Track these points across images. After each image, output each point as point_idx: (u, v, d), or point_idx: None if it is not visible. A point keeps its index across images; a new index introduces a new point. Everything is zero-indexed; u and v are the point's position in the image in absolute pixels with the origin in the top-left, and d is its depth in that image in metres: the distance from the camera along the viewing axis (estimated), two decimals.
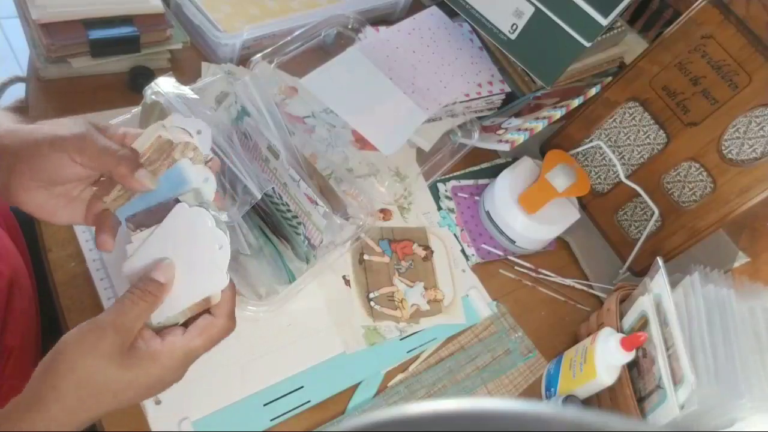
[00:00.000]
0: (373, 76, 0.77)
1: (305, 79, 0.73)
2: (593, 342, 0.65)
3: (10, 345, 0.57)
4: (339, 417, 0.62)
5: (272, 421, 0.59)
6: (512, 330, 0.73)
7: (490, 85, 0.86)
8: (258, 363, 0.61)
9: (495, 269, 0.78)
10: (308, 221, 0.62)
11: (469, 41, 0.89)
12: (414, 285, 0.72)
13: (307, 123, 0.78)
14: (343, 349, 0.65)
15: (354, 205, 0.65)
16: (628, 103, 0.81)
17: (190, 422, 0.56)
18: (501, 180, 0.80)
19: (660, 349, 0.62)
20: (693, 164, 0.78)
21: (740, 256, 0.92)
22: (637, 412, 0.62)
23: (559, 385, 0.67)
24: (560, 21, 0.76)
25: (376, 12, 0.92)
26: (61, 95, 0.72)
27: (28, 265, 0.65)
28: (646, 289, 0.67)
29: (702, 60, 0.75)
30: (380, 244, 0.73)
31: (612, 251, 0.85)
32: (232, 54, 0.79)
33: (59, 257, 0.61)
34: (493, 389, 0.68)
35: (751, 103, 0.73)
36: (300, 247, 0.65)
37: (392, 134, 0.74)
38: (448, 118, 0.82)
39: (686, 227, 0.78)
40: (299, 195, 0.61)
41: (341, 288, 0.69)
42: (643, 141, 0.81)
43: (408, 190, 0.79)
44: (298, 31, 0.77)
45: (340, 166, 0.75)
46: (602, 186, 0.85)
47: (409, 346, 0.68)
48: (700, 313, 0.63)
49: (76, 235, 0.62)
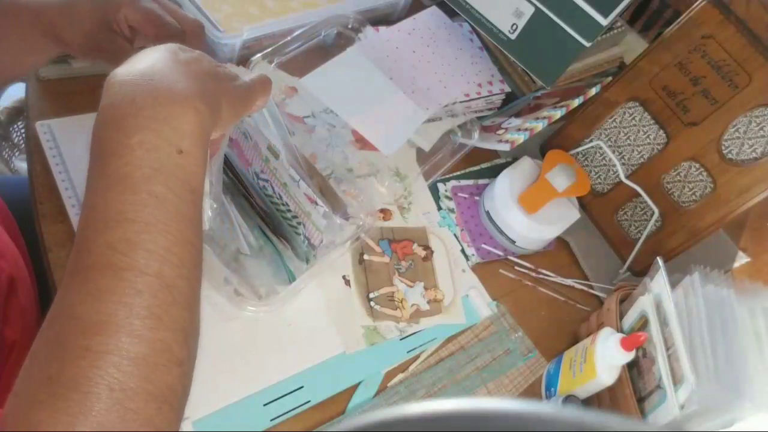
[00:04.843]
0: (373, 76, 0.77)
1: (305, 79, 0.73)
2: (593, 342, 0.65)
3: (11, 339, 0.57)
4: (339, 417, 0.62)
5: (272, 421, 0.59)
6: (512, 330, 0.73)
7: (490, 85, 0.86)
8: (258, 363, 0.61)
9: (495, 269, 0.78)
10: (308, 221, 0.62)
11: (469, 41, 0.89)
12: (414, 285, 0.72)
13: (307, 123, 0.78)
14: (343, 349, 0.65)
15: (354, 205, 0.65)
16: (628, 103, 0.81)
17: (190, 422, 0.56)
18: (501, 180, 0.80)
19: (660, 349, 0.62)
20: (693, 164, 0.78)
21: (740, 256, 0.92)
22: (637, 412, 0.62)
23: (559, 385, 0.67)
24: (560, 21, 0.76)
25: (376, 12, 0.92)
26: (60, 95, 0.72)
27: (28, 265, 0.65)
28: (646, 289, 0.67)
29: (702, 60, 0.75)
30: (380, 244, 0.73)
31: (612, 251, 0.85)
32: (231, 54, 0.79)
33: (59, 257, 0.61)
34: (493, 389, 0.68)
35: (751, 103, 0.73)
36: (300, 247, 0.65)
37: (392, 134, 0.74)
38: (448, 118, 0.82)
39: (686, 227, 0.78)
40: (299, 195, 0.61)
41: (341, 288, 0.69)
42: (643, 141, 0.81)
43: (408, 190, 0.79)
44: (297, 31, 0.77)
45: (340, 166, 0.75)
46: (602, 186, 0.85)
47: (409, 346, 0.68)
48: (700, 313, 0.63)
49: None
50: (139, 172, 0.37)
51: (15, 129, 1.17)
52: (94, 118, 0.40)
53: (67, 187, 0.64)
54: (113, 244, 0.35)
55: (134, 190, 0.36)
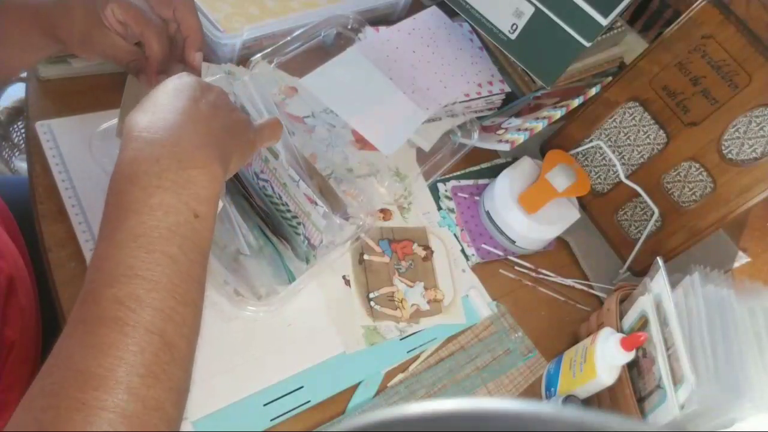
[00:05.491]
0: (373, 76, 0.77)
1: (305, 79, 0.73)
2: (593, 342, 0.65)
3: (10, 339, 0.57)
4: (339, 417, 0.62)
5: (272, 421, 0.59)
6: (512, 330, 0.73)
7: (490, 85, 0.86)
8: (258, 363, 0.61)
9: (495, 269, 0.78)
10: (308, 221, 0.62)
11: (469, 41, 0.89)
12: (414, 285, 0.72)
13: (307, 123, 0.78)
14: (343, 349, 0.65)
15: (354, 205, 0.65)
16: (628, 103, 0.81)
17: (190, 422, 0.56)
18: (501, 180, 0.80)
19: (660, 349, 0.62)
20: (693, 164, 0.78)
21: (740, 256, 0.92)
22: (637, 412, 0.62)
23: (559, 385, 0.67)
24: (560, 21, 0.76)
25: (376, 12, 0.92)
26: (60, 95, 0.72)
27: (28, 265, 0.65)
28: (646, 289, 0.67)
29: (702, 60, 0.75)
30: (380, 244, 0.73)
31: (612, 251, 0.85)
32: (231, 54, 0.79)
33: (59, 257, 0.61)
34: (493, 389, 0.68)
35: (751, 103, 0.73)
36: (300, 247, 0.65)
37: (392, 134, 0.74)
38: (448, 118, 0.82)
39: (686, 227, 0.78)
40: (299, 195, 0.61)
41: (341, 288, 0.69)
42: (643, 141, 0.81)
43: (408, 190, 0.79)
44: (297, 31, 0.77)
45: (340, 166, 0.75)
46: (602, 186, 0.85)
47: (409, 346, 0.68)
48: (700, 313, 0.63)
49: (76, 235, 0.62)
50: (157, 232, 0.38)
51: (15, 129, 1.17)
52: (93, 118, 0.40)
53: (67, 187, 0.64)
54: (122, 299, 0.36)
55: (149, 249, 0.37)
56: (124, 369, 0.35)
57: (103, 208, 0.40)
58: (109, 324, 0.35)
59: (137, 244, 0.37)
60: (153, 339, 0.36)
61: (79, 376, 0.34)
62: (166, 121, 0.41)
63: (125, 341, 0.35)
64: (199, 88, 0.45)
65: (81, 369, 0.34)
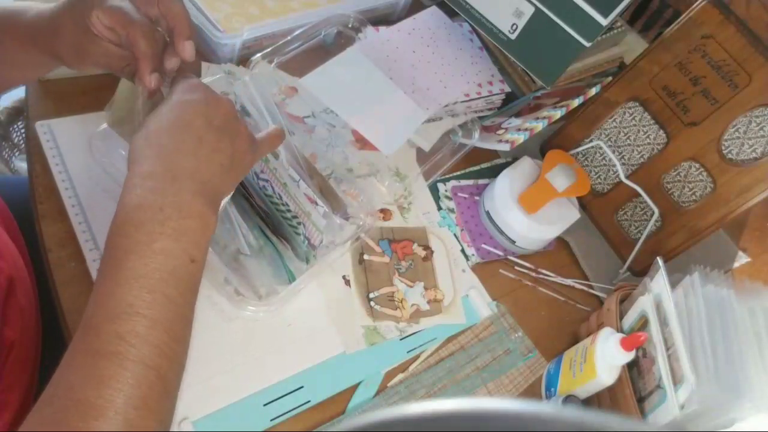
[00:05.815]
0: (373, 76, 0.77)
1: (305, 79, 0.73)
2: (593, 342, 0.65)
3: (10, 338, 0.57)
4: (339, 417, 0.62)
5: (272, 421, 0.59)
6: (512, 330, 0.73)
7: (490, 85, 0.86)
8: (258, 363, 0.61)
9: (495, 269, 0.78)
10: (308, 221, 0.62)
11: (469, 41, 0.89)
12: (414, 285, 0.72)
13: (307, 123, 0.78)
14: (343, 349, 0.65)
15: (354, 205, 0.65)
16: (628, 103, 0.81)
17: (190, 422, 0.56)
18: (501, 180, 0.80)
19: (660, 349, 0.62)
20: (693, 164, 0.78)
21: (740, 256, 0.92)
22: (637, 412, 0.62)
23: (559, 385, 0.67)
24: (560, 21, 0.76)
25: (376, 12, 0.92)
26: (60, 95, 0.72)
27: (27, 265, 0.65)
28: (646, 289, 0.67)
29: (702, 60, 0.75)
30: (380, 244, 0.73)
31: (612, 251, 0.85)
32: (231, 54, 0.79)
33: (59, 257, 0.61)
34: (493, 389, 0.68)
35: (751, 103, 0.73)
36: (300, 247, 0.65)
37: (392, 134, 0.74)
38: (448, 117, 0.82)
39: (686, 227, 0.78)
40: (299, 195, 0.61)
41: (341, 288, 0.69)
42: (643, 141, 0.81)
43: (408, 190, 0.79)
44: (298, 31, 0.77)
45: (340, 166, 0.75)
46: (602, 186, 0.85)
47: (409, 346, 0.68)
48: (700, 313, 0.63)
49: (76, 235, 0.62)
50: (158, 274, 0.41)
51: (15, 129, 1.17)
52: (93, 118, 0.41)
53: (67, 187, 0.64)
54: (122, 334, 0.39)
55: (150, 290, 0.40)
56: (122, 400, 0.37)
57: (102, 208, 0.41)
58: (110, 357, 0.38)
59: (139, 285, 0.40)
60: (149, 373, 0.39)
61: (79, 405, 0.36)
62: (170, 171, 0.44)
63: (124, 374, 0.38)
64: (206, 112, 0.47)
65: (81, 399, 0.37)
